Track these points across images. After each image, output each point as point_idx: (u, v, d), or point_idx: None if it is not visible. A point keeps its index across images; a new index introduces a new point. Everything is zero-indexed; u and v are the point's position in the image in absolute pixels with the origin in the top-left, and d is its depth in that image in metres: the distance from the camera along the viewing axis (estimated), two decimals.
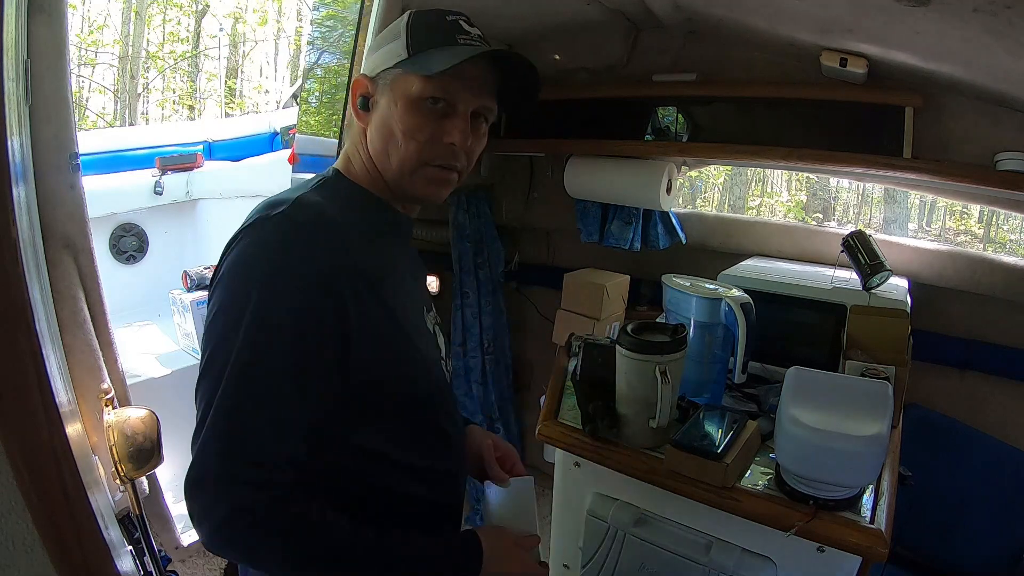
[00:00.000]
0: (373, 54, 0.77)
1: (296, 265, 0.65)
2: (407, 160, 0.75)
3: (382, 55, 0.75)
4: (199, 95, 8.00)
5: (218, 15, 7.90)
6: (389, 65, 0.74)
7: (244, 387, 0.62)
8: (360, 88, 0.77)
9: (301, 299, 0.64)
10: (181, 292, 2.23)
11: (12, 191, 0.60)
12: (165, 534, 1.59)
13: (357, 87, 0.77)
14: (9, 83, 0.79)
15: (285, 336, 0.63)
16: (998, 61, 1.12)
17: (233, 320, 0.63)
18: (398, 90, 0.73)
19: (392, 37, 0.75)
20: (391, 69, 0.74)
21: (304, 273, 0.65)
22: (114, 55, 7.20)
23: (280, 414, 0.63)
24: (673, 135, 1.78)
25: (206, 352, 0.65)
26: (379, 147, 0.76)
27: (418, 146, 0.74)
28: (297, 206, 0.68)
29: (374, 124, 0.76)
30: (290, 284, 0.64)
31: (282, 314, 0.63)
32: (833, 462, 0.99)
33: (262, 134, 3.39)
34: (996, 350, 1.58)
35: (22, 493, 0.57)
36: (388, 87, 0.74)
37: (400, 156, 0.75)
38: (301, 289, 0.64)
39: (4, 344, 0.56)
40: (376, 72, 0.76)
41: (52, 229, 1.16)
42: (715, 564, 1.12)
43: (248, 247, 0.66)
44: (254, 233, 0.67)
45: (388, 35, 0.76)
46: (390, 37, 0.75)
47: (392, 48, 0.74)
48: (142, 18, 7.36)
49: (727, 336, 1.31)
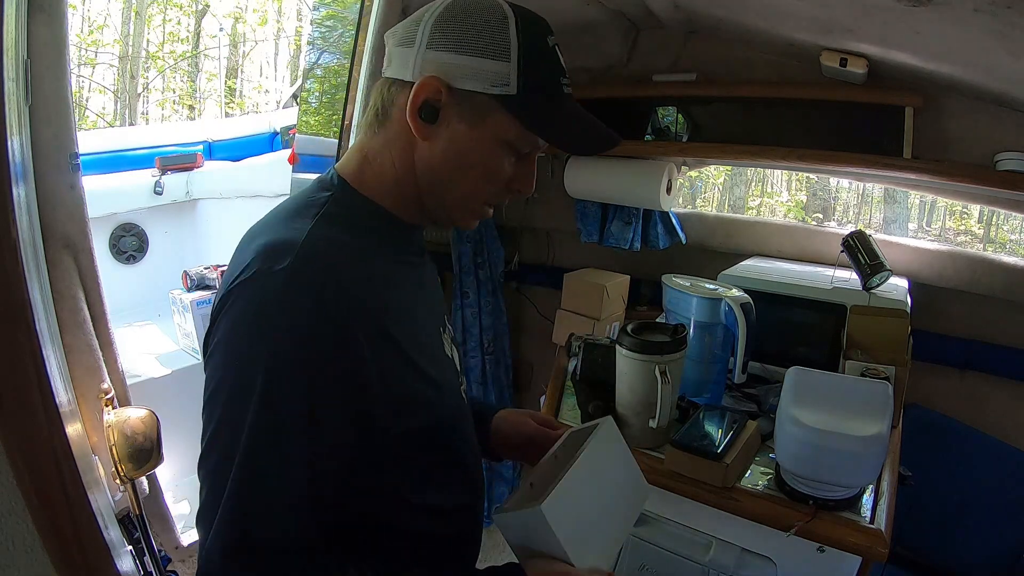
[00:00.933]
0: (454, 52, 0.62)
1: (306, 333, 0.56)
2: (473, 199, 0.68)
3: (474, 67, 0.62)
4: (199, 95, 7.99)
5: (218, 15, 7.90)
6: (488, 91, 0.62)
7: (254, 478, 0.55)
8: (430, 93, 0.62)
9: (314, 372, 0.56)
10: (181, 292, 2.23)
11: (12, 191, 0.60)
12: (165, 534, 1.58)
13: (426, 90, 0.62)
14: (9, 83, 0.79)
15: (297, 420, 0.56)
16: (998, 61, 1.12)
17: (239, 401, 0.56)
18: (493, 127, 0.63)
19: (493, 51, 0.61)
20: (488, 95, 0.62)
21: (316, 337, 0.56)
22: (114, 55, 7.20)
23: (293, 502, 0.57)
24: (673, 135, 1.78)
25: (209, 428, 0.58)
26: (441, 170, 0.65)
27: (490, 187, 0.67)
28: (304, 260, 0.57)
29: (439, 143, 0.64)
30: (300, 355, 0.56)
31: (293, 395, 0.56)
32: (833, 462, 0.99)
33: (262, 134, 3.39)
34: (996, 350, 1.58)
35: (22, 493, 0.57)
36: (478, 114, 0.63)
37: (466, 192, 0.67)
38: (313, 361, 0.56)
39: (4, 344, 0.56)
40: (463, 86, 0.62)
41: (52, 229, 1.16)
42: (715, 564, 1.12)
43: (249, 311, 0.57)
44: (254, 293, 0.57)
45: (481, 39, 0.62)
46: (490, 48, 0.61)
47: (494, 68, 0.61)
48: (142, 18, 7.36)
49: (727, 336, 1.31)
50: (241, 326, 0.57)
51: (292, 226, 0.61)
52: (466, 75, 0.62)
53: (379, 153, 0.68)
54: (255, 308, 0.57)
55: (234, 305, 0.58)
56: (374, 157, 0.68)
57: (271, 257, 0.58)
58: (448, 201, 0.68)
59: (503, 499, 2.34)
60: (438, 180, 0.66)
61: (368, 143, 0.69)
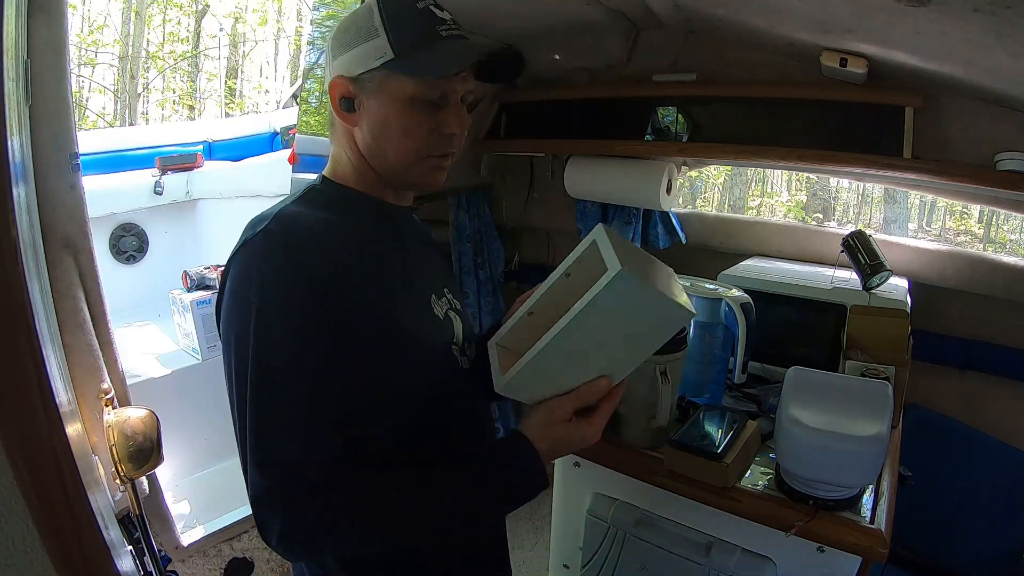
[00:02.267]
0: (344, 52, 0.74)
1: (282, 274, 0.67)
2: (407, 156, 0.76)
3: (359, 54, 0.73)
4: (199, 95, 7.99)
5: (218, 15, 7.90)
6: (373, 66, 0.72)
7: (268, 404, 0.66)
8: (340, 90, 0.75)
9: (295, 306, 0.67)
10: (181, 292, 2.23)
11: (12, 191, 0.60)
12: (165, 534, 1.58)
13: (336, 89, 0.75)
14: (9, 83, 0.79)
15: (291, 346, 0.66)
16: (998, 61, 1.12)
17: (241, 342, 0.66)
18: (390, 91, 0.73)
19: (367, 34, 0.72)
20: (376, 70, 0.72)
21: (289, 279, 0.67)
22: (114, 55, 7.20)
23: (306, 421, 0.66)
24: (673, 135, 1.78)
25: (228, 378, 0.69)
26: (374, 146, 0.76)
27: (418, 142, 0.75)
28: (276, 220, 0.70)
29: (365, 124, 0.75)
30: (280, 293, 0.67)
31: (281, 327, 0.66)
32: (833, 462, 0.99)
33: (262, 134, 3.39)
34: (996, 350, 1.58)
35: (22, 493, 0.57)
36: (376, 88, 0.73)
37: (399, 153, 0.76)
38: (292, 297, 0.67)
39: (4, 344, 0.56)
40: (356, 73, 0.73)
41: (52, 229, 1.16)
42: (715, 564, 1.12)
43: (239, 272, 0.69)
44: (242, 257, 0.70)
45: (359, 31, 0.73)
46: (364, 35, 0.72)
47: (371, 47, 0.72)
48: (142, 18, 7.36)
49: (727, 336, 1.31)
50: (233, 290, 0.69)
51: (278, 205, 0.75)
52: (356, 63, 0.73)
53: (338, 152, 0.81)
54: (242, 268, 0.69)
55: (228, 277, 0.70)
56: (337, 155, 0.81)
57: (252, 227, 0.71)
58: (396, 166, 0.77)
59: None
60: (378, 153, 0.77)
61: (332, 147, 0.83)
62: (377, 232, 0.79)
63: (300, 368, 0.66)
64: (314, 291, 0.67)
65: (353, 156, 0.79)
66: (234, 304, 0.68)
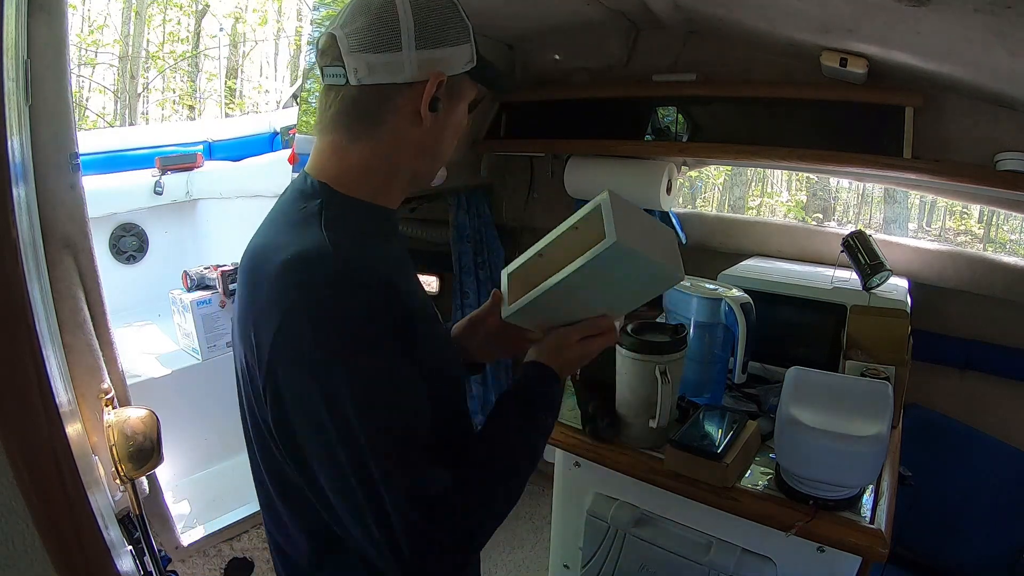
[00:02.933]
0: (446, 48, 0.68)
1: (363, 318, 0.62)
2: (446, 157, 0.77)
3: (458, 54, 0.69)
4: (199, 95, 8.00)
5: (218, 15, 7.91)
6: (463, 69, 0.70)
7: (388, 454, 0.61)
8: (438, 88, 0.68)
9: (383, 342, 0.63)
10: (181, 292, 2.23)
11: (12, 191, 0.60)
12: (165, 534, 1.59)
13: (436, 87, 0.68)
14: (9, 83, 0.79)
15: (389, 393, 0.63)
16: (998, 61, 1.12)
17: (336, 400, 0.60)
18: (462, 95, 0.73)
19: (461, 35, 0.69)
20: (464, 73, 0.71)
21: (371, 317, 0.62)
22: (114, 55, 7.20)
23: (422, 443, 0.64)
24: (673, 135, 1.78)
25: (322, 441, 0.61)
26: (434, 148, 0.73)
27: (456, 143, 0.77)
28: (339, 258, 0.63)
29: (434, 126, 0.71)
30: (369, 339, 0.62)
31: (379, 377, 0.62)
32: (833, 462, 0.99)
33: (262, 134, 3.38)
34: (996, 350, 1.58)
35: (22, 493, 0.57)
36: (459, 90, 0.72)
37: (445, 154, 0.76)
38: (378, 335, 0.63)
39: (4, 344, 0.56)
40: (453, 72, 0.70)
41: (52, 229, 1.16)
42: (715, 564, 1.12)
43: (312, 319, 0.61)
44: (306, 302, 0.61)
45: (454, 28, 0.69)
46: (458, 34, 0.69)
47: (466, 50, 0.70)
48: (142, 18, 7.36)
49: (727, 336, 1.31)
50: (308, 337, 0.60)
51: (307, 237, 0.65)
52: (454, 62, 0.69)
53: (365, 153, 0.71)
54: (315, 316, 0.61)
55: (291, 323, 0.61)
56: (358, 158, 0.71)
57: (309, 268, 0.62)
58: (433, 167, 0.76)
59: None
60: (435, 154, 0.74)
61: (349, 146, 0.71)
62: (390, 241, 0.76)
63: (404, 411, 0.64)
64: (392, 327, 0.64)
65: (386, 159, 0.71)
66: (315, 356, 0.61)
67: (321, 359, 0.60)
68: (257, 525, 1.79)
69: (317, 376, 0.60)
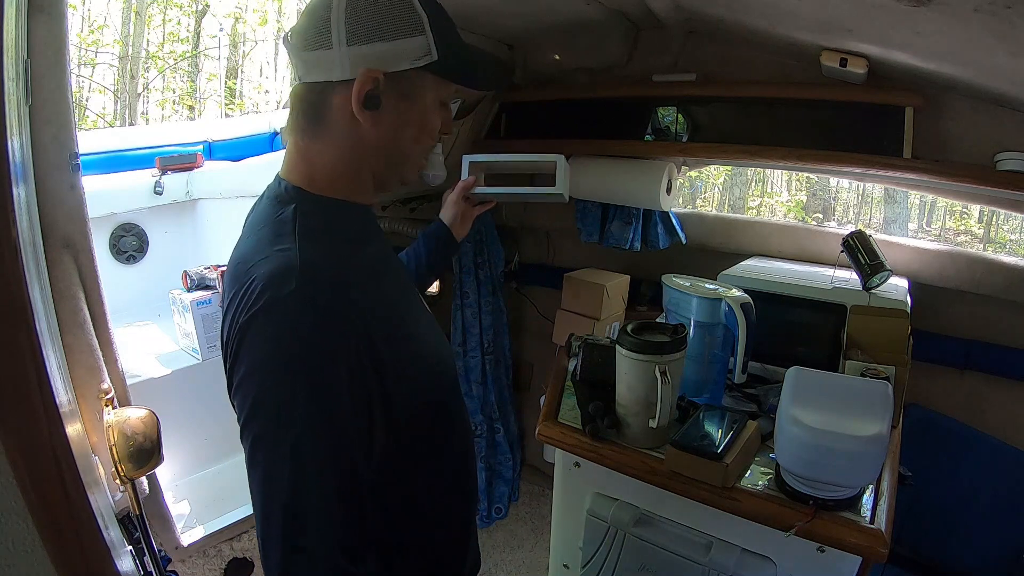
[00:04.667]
0: (381, 43, 0.67)
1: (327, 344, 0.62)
2: (415, 155, 0.76)
3: (401, 49, 0.67)
4: (199, 95, 7.99)
5: (218, 15, 7.91)
6: (415, 64, 0.68)
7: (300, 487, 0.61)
8: (369, 84, 0.67)
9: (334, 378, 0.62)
10: (181, 292, 2.23)
11: (12, 191, 0.60)
12: (165, 534, 1.58)
13: (366, 83, 0.66)
14: (9, 83, 0.79)
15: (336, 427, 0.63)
16: (998, 61, 1.12)
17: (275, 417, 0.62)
18: (422, 92, 0.71)
19: (409, 29, 0.67)
20: (417, 69, 0.69)
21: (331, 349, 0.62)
22: (114, 55, 7.20)
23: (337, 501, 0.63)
24: (673, 135, 1.78)
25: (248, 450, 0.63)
26: (391, 145, 0.72)
27: (429, 141, 0.76)
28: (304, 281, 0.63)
29: (384, 124, 0.70)
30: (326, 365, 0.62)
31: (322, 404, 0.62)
32: (833, 462, 0.99)
33: (262, 134, 3.38)
34: (996, 350, 1.58)
35: (22, 493, 0.57)
36: (411, 87, 0.70)
37: (411, 152, 0.75)
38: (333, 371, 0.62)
39: (4, 344, 0.56)
40: (395, 68, 0.68)
41: (52, 229, 1.16)
42: (715, 564, 1.12)
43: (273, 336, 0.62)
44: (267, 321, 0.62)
45: (397, 23, 0.67)
46: (405, 28, 0.67)
47: (414, 44, 0.68)
48: (142, 18, 7.36)
49: (727, 336, 1.31)
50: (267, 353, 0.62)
51: (280, 250, 0.66)
52: (394, 58, 0.67)
53: (323, 153, 0.71)
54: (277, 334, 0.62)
55: (254, 337, 0.62)
56: (319, 158, 0.71)
57: (275, 285, 0.62)
58: (401, 168, 0.75)
59: (503, 499, 2.34)
60: (391, 155, 0.73)
61: (308, 147, 0.72)
62: (369, 243, 0.77)
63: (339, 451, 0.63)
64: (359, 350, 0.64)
65: (351, 160, 0.72)
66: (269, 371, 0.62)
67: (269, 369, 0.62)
68: None
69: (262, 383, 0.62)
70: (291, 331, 0.62)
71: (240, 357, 0.64)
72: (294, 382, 0.61)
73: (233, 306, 0.65)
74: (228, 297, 0.69)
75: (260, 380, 0.62)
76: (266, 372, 0.62)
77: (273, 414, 0.62)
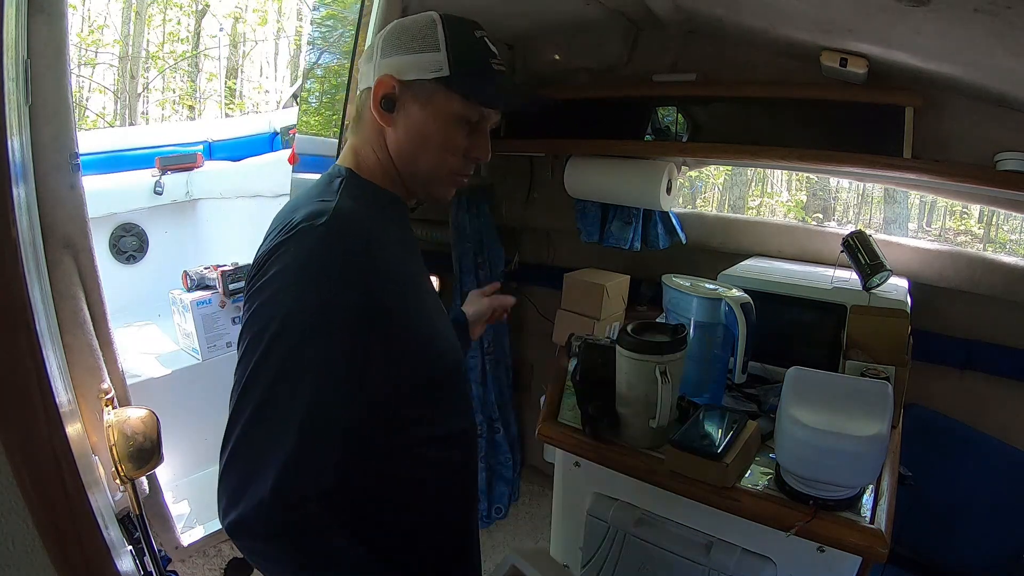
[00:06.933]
0: (401, 56, 0.77)
1: (342, 275, 0.69)
2: (439, 169, 0.81)
3: (415, 62, 0.77)
4: (199, 95, 7.99)
5: (218, 15, 7.90)
6: (427, 76, 0.77)
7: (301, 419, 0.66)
8: (386, 88, 0.78)
9: (352, 304, 0.69)
10: (181, 292, 2.22)
11: (12, 191, 0.60)
12: (165, 534, 1.58)
13: (382, 87, 0.78)
14: (9, 83, 0.79)
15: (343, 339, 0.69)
16: (999, 61, 1.12)
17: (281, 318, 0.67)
18: (438, 104, 0.78)
19: (427, 45, 0.77)
20: (429, 81, 0.77)
21: (347, 281, 0.69)
22: (114, 55, 7.19)
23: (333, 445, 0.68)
24: (673, 135, 1.78)
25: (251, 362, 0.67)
26: (407, 150, 0.80)
27: (451, 158, 0.81)
28: (336, 217, 0.71)
29: (401, 127, 0.79)
30: (337, 291, 0.69)
31: (338, 319, 0.68)
32: (833, 462, 0.99)
33: (262, 134, 3.38)
34: (996, 350, 1.58)
35: (22, 493, 0.57)
36: (425, 97, 0.77)
37: (431, 164, 0.81)
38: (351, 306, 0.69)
39: (4, 344, 0.56)
40: (408, 77, 0.77)
41: (52, 229, 1.16)
42: (715, 564, 1.12)
43: (300, 256, 0.70)
44: (302, 242, 0.70)
45: (420, 40, 0.77)
46: (425, 44, 0.77)
47: (430, 58, 0.76)
48: (142, 18, 7.35)
49: (727, 336, 1.31)
50: (290, 273, 0.69)
51: (323, 200, 0.75)
52: (409, 68, 0.77)
53: (363, 147, 0.83)
54: (303, 256, 0.69)
55: (285, 253, 0.70)
56: (360, 150, 0.83)
57: (311, 217, 0.71)
58: (420, 175, 0.82)
59: (503, 499, 2.34)
60: (408, 157, 0.81)
61: (354, 141, 0.85)
62: (399, 226, 0.84)
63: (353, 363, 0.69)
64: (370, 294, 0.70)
65: (383, 156, 0.82)
66: (290, 285, 0.69)
67: (287, 280, 0.68)
68: None
69: (277, 300, 0.68)
70: (316, 254, 0.69)
71: (266, 269, 0.70)
72: (304, 295, 0.67)
73: (268, 239, 0.74)
74: (266, 237, 0.76)
75: (277, 287, 0.69)
76: (283, 282, 0.69)
77: (280, 315, 0.67)
